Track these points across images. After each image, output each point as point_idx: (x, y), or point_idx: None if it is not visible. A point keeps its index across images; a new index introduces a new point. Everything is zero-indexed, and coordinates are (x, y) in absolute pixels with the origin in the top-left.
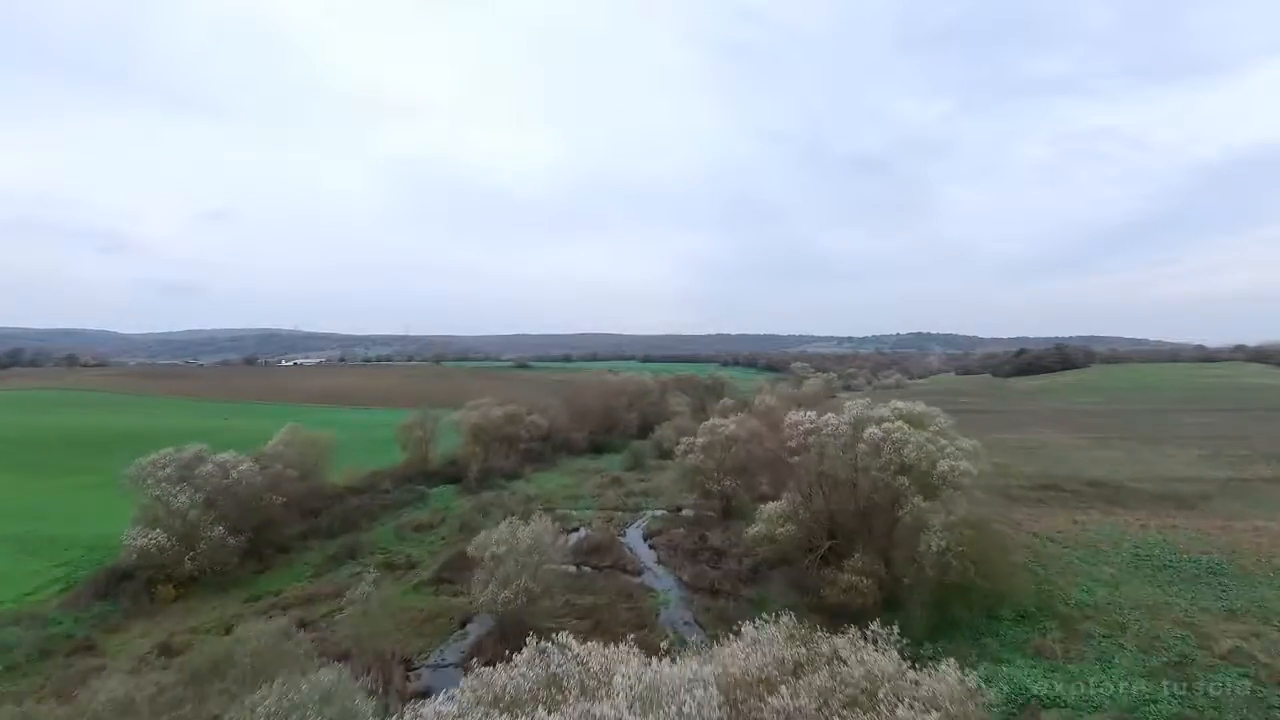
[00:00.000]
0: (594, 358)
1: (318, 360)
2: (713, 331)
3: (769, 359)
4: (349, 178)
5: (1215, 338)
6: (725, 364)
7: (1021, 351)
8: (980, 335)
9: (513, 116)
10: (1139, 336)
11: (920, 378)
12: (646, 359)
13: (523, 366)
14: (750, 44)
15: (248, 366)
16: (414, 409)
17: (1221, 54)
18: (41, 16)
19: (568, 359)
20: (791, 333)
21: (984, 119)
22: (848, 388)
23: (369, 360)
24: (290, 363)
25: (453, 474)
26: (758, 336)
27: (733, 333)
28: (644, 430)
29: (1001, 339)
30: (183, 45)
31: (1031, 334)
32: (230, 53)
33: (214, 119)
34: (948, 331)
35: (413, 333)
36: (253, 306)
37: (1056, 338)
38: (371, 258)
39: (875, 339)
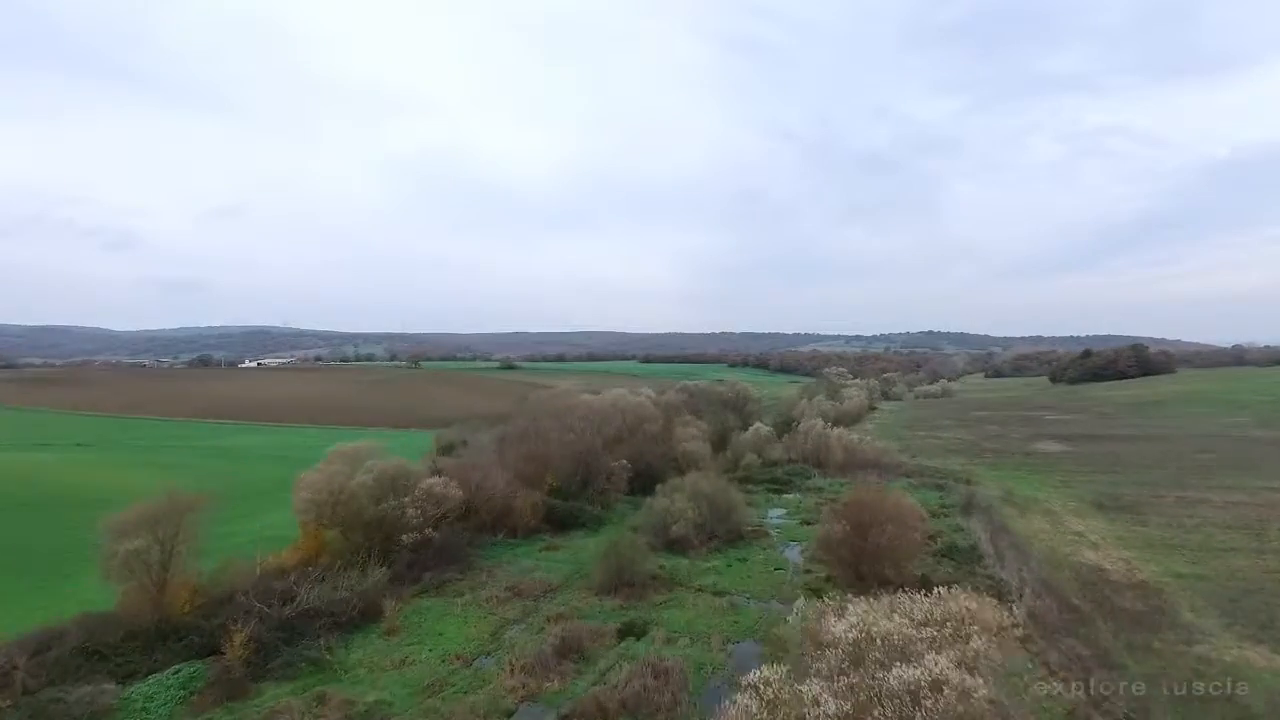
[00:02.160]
0: (591, 357)
1: (282, 361)
2: (716, 330)
3: (782, 359)
4: (352, 175)
5: (1228, 337)
6: (734, 365)
7: (1088, 353)
8: (992, 334)
9: (516, 113)
10: (1155, 335)
11: (952, 380)
12: (647, 359)
13: (509, 367)
14: (759, 40)
15: (200, 369)
16: (347, 425)
17: (1238, 50)
18: (49, 13)
19: (561, 359)
20: (797, 331)
21: (994, 116)
22: (885, 395)
23: (347, 359)
24: (255, 363)
25: (209, 632)
26: (762, 335)
27: (736, 331)
28: (640, 481)
29: (1014, 338)
30: (190, 42)
31: (1046, 333)
32: (238, 50)
33: (221, 116)
34: (959, 330)
35: (409, 330)
36: (253, 304)
37: (1073, 337)
38: (373, 255)
39: (884, 337)
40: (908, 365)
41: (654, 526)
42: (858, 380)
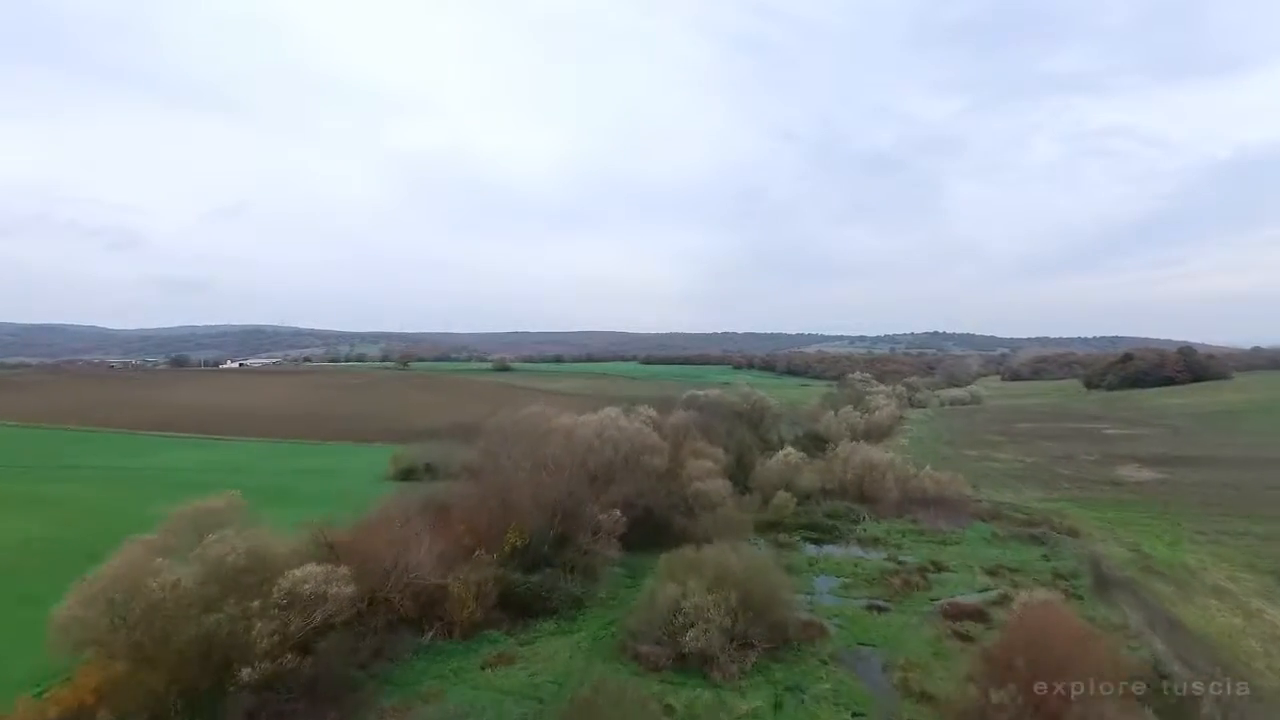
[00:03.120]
0: (590, 358)
1: (268, 362)
2: (719, 330)
3: (789, 361)
4: (354, 173)
5: (1237, 338)
6: (739, 367)
7: (1128, 357)
8: (998, 335)
9: (518, 112)
10: (1164, 336)
11: (968, 383)
12: (648, 360)
13: (503, 369)
14: (763, 39)
15: (173, 370)
16: (306, 439)
17: (1244, 51)
18: (55, 13)
19: (559, 360)
20: (800, 331)
21: (997, 116)
22: (910, 403)
23: (336, 360)
24: (237, 364)
25: None
26: (765, 335)
27: (739, 331)
28: (640, 532)
29: (1020, 339)
30: (194, 42)
31: (1052, 334)
32: (239, 49)
33: (223, 115)
34: (964, 331)
35: (407, 330)
36: (256, 303)
37: (1080, 338)
38: (374, 254)
39: (889, 338)
40: (920, 367)
41: (658, 630)
42: (883, 387)
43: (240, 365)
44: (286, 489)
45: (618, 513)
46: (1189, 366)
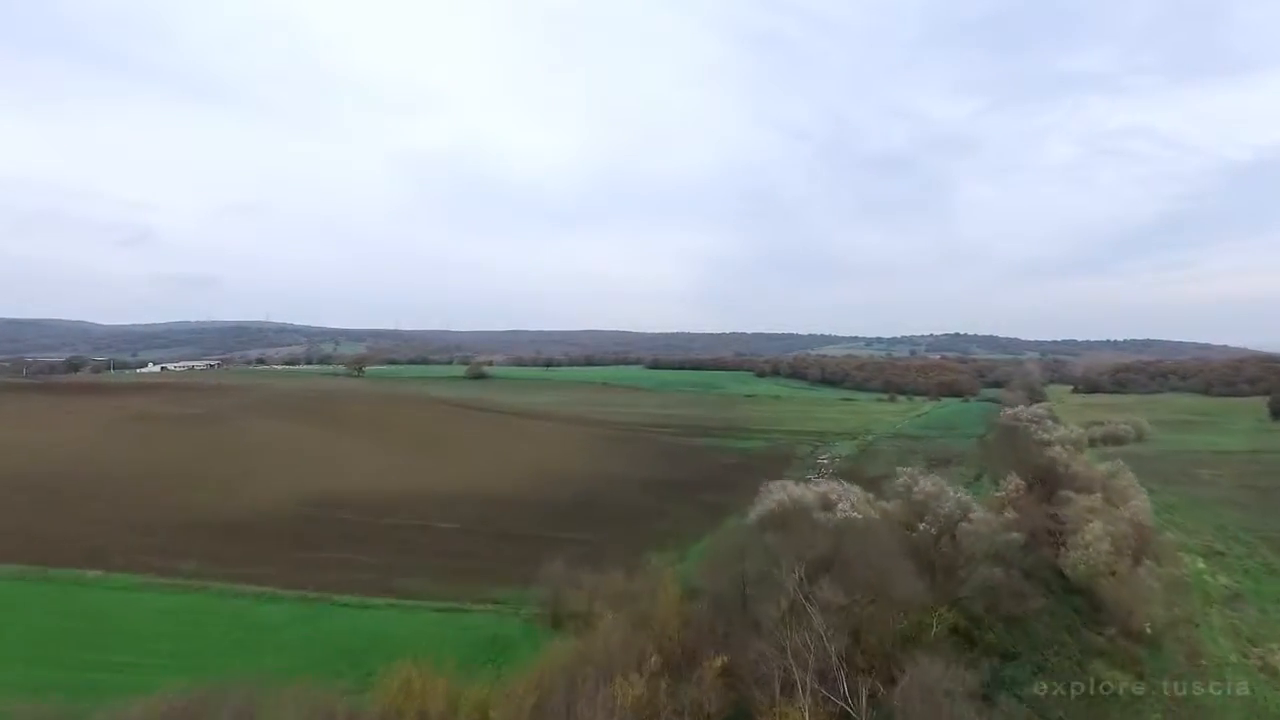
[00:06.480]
0: (589, 361)
1: (199, 365)
2: (727, 330)
3: (823, 368)
4: (363, 171)
5: (1268, 340)
6: (760, 374)
7: None
8: (1021, 337)
9: (527, 109)
10: (1177, 339)
11: (1040, 397)
12: (655, 364)
13: (478, 376)
14: (775, 36)
15: (66, 374)
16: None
17: (1266, 51)
18: (72, 11)
19: (550, 364)
20: (811, 332)
21: (1014, 116)
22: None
23: (294, 362)
24: (159, 367)
25: None
26: (775, 336)
27: (748, 332)
28: None
29: (1045, 341)
30: (187, 39)
31: (1079, 336)
32: (234, 47)
33: (234, 111)
34: (988, 333)
35: (404, 327)
36: (260, 300)
37: (1109, 341)
38: (380, 250)
39: (907, 339)
40: (973, 373)
41: None
42: (1061, 428)
43: (162, 369)
44: None
45: None
46: None
